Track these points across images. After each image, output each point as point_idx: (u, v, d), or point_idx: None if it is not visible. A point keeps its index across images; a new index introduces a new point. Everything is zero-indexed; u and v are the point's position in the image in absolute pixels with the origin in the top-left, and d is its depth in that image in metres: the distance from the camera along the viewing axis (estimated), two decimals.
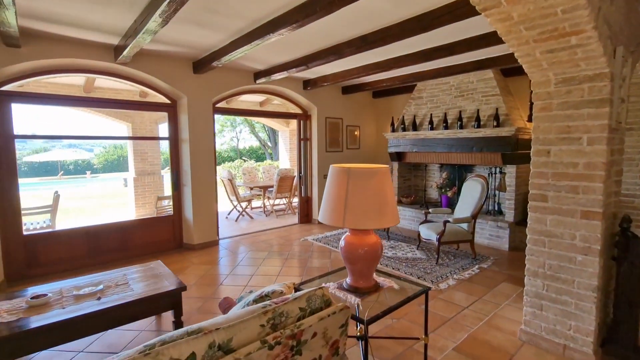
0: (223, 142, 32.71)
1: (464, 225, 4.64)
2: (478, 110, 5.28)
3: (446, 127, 5.65)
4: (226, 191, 7.40)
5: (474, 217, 4.53)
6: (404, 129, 6.34)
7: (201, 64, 4.73)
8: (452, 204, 6.13)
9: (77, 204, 10.91)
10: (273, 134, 19.03)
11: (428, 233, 4.62)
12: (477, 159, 5.45)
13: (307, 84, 6.25)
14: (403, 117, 6.43)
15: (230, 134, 29.05)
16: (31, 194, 15.52)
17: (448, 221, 4.43)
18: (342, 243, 2.28)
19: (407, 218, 6.39)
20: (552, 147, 2.33)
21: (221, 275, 4.17)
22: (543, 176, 2.40)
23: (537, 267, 2.44)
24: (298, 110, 6.78)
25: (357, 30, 3.68)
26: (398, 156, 6.60)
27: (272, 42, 4.04)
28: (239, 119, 24.01)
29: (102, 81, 6.63)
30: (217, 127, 30.38)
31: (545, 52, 2.00)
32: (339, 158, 7.16)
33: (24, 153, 31.18)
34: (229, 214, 7.59)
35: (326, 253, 5.00)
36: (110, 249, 4.64)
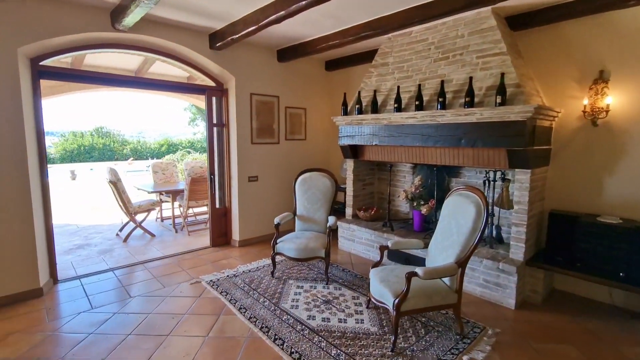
0: (197, 131, 30.27)
1: (445, 278, 2.64)
2: (471, 79, 3.25)
3: (420, 107, 3.62)
4: (116, 198, 5.20)
5: (462, 264, 2.53)
6: (360, 111, 4.28)
7: None
8: (428, 222, 4.15)
9: None
10: None
11: (381, 291, 2.59)
12: (467, 157, 3.44)
13: (215, 39, 4.09)
14: (359, 93, 4.36)
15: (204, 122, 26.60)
16: None
17: (415, 274, 2.41)
18: None
19: (363, 242, 4.38)
20: None
21: None
22: None
23: None
24: (209, 82, 4.62)
25: None
26: (353, 151, 4.55)
27: None
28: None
29: None
30: (189, 115, 27.96)
31: None
32: (275, 153, 5.06)
33: None
34: (121, 229, 5.41)
35: (224, 324, 2.92)
36: None
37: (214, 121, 4.66)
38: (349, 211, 4.75)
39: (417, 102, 3.61)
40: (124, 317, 2.90)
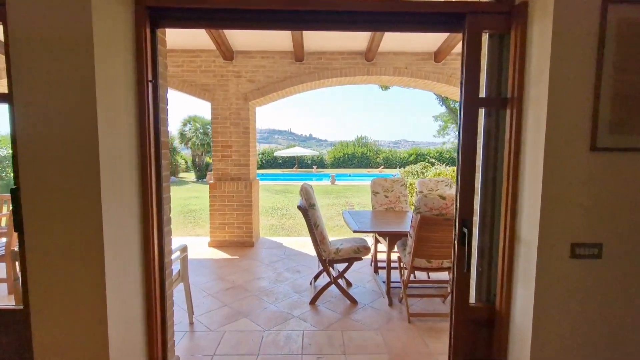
0: (446, 140, 28.17)
1: None
2: None
3: None
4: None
5: None
6: None
7: None
8: None
9: None
10: None
11: None
12: None
13: None
14: None
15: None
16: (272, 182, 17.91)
17: None
18: None
19: None
20: None
21: None
22: None
23: None
24: None
25: None
26: None
27: None
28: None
29: None
30: (440, 124, 26.33)
31: None
32: None
33: (277, 148, 39.01)
34: (316, 277, 3.66)
35: None
36: None
37: (483, 93, 1.91)
38: None
39: None
40: None
